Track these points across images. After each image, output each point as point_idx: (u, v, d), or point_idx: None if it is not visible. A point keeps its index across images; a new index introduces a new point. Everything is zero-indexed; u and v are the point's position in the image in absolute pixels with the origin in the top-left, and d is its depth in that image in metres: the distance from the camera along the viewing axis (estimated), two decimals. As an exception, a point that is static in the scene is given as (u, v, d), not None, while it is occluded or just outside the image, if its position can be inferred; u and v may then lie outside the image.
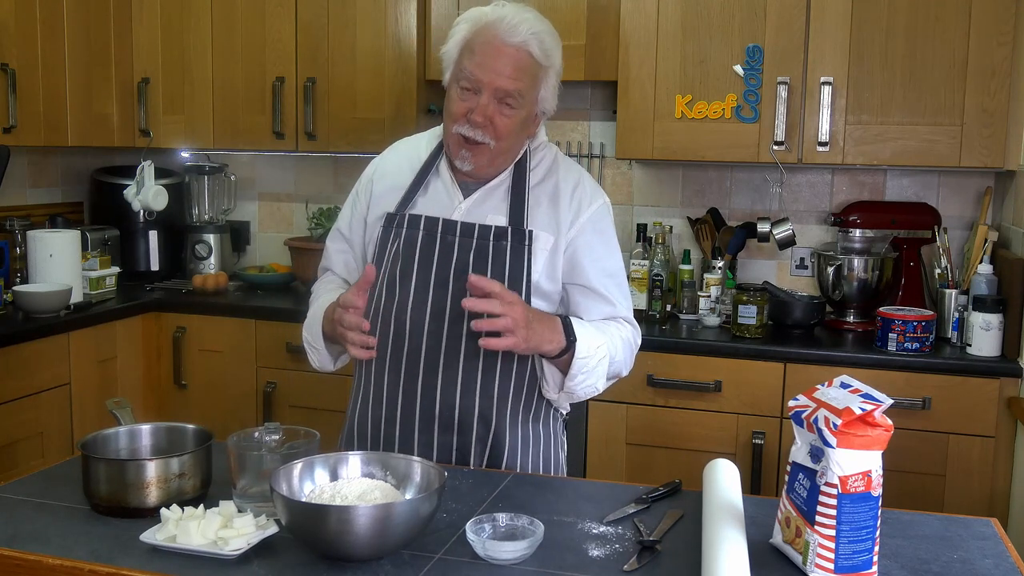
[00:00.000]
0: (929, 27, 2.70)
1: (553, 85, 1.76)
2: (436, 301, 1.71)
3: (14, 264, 3.16)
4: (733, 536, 1.29)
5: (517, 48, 1.67)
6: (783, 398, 2.65)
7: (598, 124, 3.39)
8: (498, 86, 1.67)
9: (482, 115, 1.68)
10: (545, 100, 1.76)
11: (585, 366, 1.65)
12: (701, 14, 2.86)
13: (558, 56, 1.74)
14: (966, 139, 2.70)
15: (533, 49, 1.68)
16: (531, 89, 1.71)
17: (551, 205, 1.76)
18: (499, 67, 1.67)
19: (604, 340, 1.69)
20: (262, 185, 3.81)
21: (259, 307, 3.16)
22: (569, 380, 1.67)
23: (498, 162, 1.75)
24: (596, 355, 1.66)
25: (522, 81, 1.68)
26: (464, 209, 1.75)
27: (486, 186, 1.77)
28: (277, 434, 1.50)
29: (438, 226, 1.74)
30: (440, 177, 1.80)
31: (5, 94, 2.93)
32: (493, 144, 1.70)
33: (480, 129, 1.69)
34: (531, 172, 1.79)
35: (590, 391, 1.71)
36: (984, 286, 2.69)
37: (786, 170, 3.15)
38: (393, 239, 1.76)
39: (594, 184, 1.85)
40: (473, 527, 1.31)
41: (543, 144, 1.84)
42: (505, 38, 1.67)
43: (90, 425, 2.85)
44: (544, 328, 1.60)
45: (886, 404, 1.22)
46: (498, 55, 1.67)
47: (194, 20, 3.40)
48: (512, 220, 1.73)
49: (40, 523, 1.40)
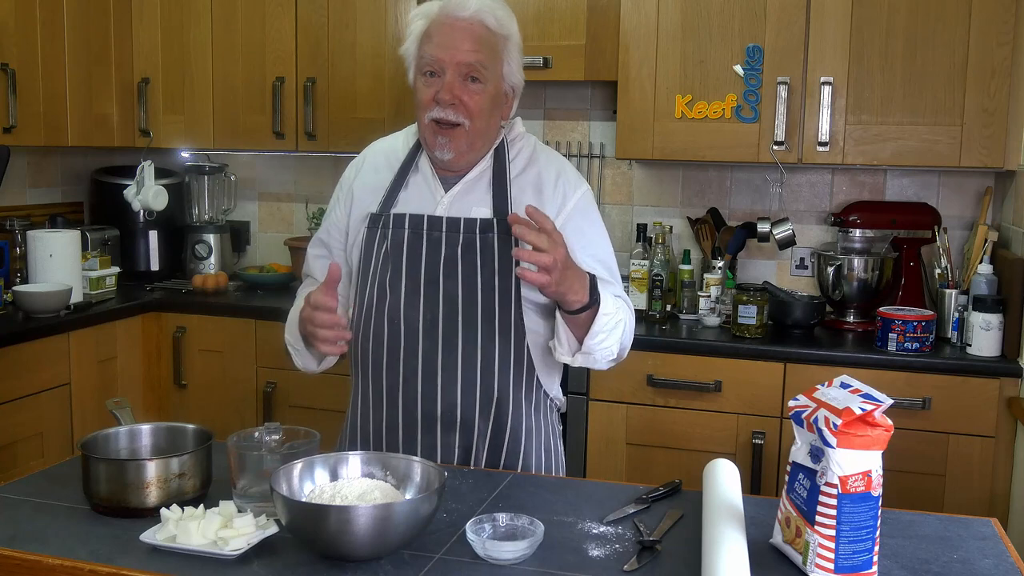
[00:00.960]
0: (929, 27, 2.70)
1: (516, 58, 1.76)
2: (428, 299, 1.71)
3: (14, 264, 3.16)
4: (733, 536, 1.29)
5: (471, 21, 1.69)
6: (783, 398, 2.65)
7: (598, 124, 3.39)
8: (459, 60, 1.68)
9: (449, 92, 1.68)
10: (511, 74, 1.76)
11: (607, 324, 1.64)
12: (701, 14, 2.86)
13: (514, 27, 1.75)
14: (966, 139, 2.70)
15: (487, 20, 1.69)
16: (493, 61, 1.71)
17: (535, 194, 1.76)
18: (457, 42, 1.68)
19: (617, 306, 1.69)
20: (262, 185, 3.81)
21: (259, 307, 3.16)
22: (590, 338, 1.65)
23: (476, 145, 1.74)
24: (615, 315, 1.66)
25: (482, 53, 1.69)
26: (447, 203, 1.75)
27: (466, 178, 1.77)
28: (277, 434, 1.50)
29: (423, 223, 1.73)
30: (420, 172, 1.80)
31: (5, 94, 2.93)
32: (468, 124, 1.70)
33: (451, 108, 1.68)
34: (511, 163, 1.78)
35: (606, 354, 1.69)
36: (984, 286, 2.69)
37: (786, 170, 3.15)
38: (380, 240, 1.76)
39: (575, 172, 1.84)
40: (473, 527, 1.31)
41: (521, 135, 1.84)
42: (458, 14, 1.69)
43: (90, 425, 2.85)
44: (575, 279, 1.58)
45: (886, 404, 1.22)
46: (454, 31, 1.68)
47: (194, 20, 3.40)
48: (497, 212, 1.73)
49: (40, 523, 1.40)
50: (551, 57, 3.01)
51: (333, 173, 3.68)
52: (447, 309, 1.70)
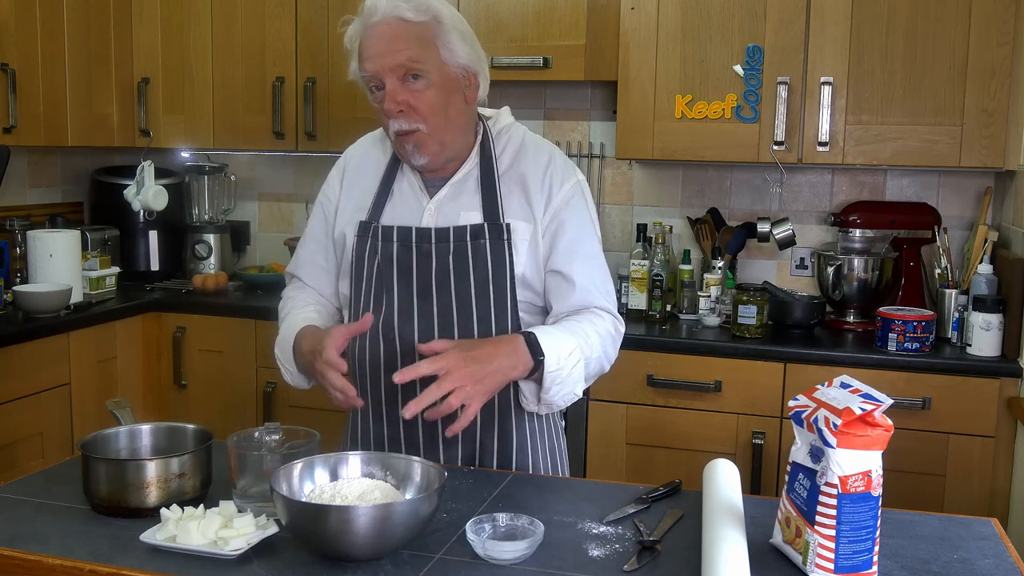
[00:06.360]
0: (929, 27, 2.70)
1: (454, 38, 1.63)
2: (422, 313, 1.68)
3: (14, 264, 3.16)
4: (733, 536, 1.29)
5: (386, 23, 1.60)
6: (783, 398, 2.65)
7: (598, 124, 3.39)
8: (389, 66, 1.59)
9: (392, 101, 1.60)
10: (454, 55, 1.63)
11: (557, 378, 1.58)
12: (701, 14, 2.86)
13: (438, 4, 1.63)
14: (966, 139, 2.70)
15: (403, 13, 1.59)
16: (425, 51, 1.60)
17: (523, 191, 1.69)
18: (380, 49, 1.60)
19: (576, 343, 1.60)
20: (262, 185, 3.81)
21: (259, 307, 3.16)
22: (544, 393, 1.60)
23: (447, 141, 1.66)
24: (568, 363, 1.58)
25: (410, 48, 1.59)
26: (434, 209, 1.70)
27: (452, 180, 1.71)
28: (277, 434, 1.50)
29: (412, 236, 1.68)
30: (406, 179, 1.74)
31: (5, 94, 2.93)
32: (423, 126, 1.62)
33: (402, 117, 1.62)
34: (498, 159, 1.72)
35: (569, 399, 1.64)
36: (984, 286, 2.69)
37: (786, 170, 3.15)
38: (370, 253, 1.71)
39: (566, 162, 1.74)
40: (473, 527, 1.31)
41: (508, 126, 1.76)
42: (372, 20, 1.61)
43: (90, 425, 2.85)
44: (501, 363, 1.52)
45: (886, 404, 1.22)
46: (375, 39, 1.60)
47: (194, 20, 3.40)
48: (487, 215, 1.67)
49: (40, 523, 1.40)
50: (551, 57, 3.01)
51: (333, 173, 3.68)
52: (442, 322, 1.67)
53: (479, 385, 1.49)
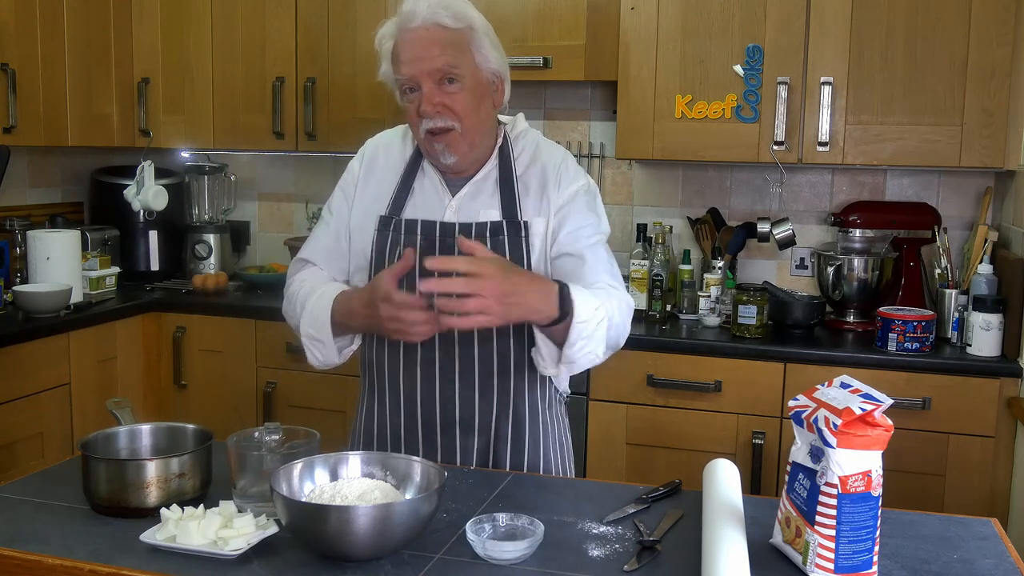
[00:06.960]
0: (929, 27, 2.70)
1: (486, 44, 1.71)
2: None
3: (14, 264, 3.16)
4: (733, 536, 1.29)
5: (426, 28, 1.66)
6: (783, 398, 2.65)
7: (598, 124, 3.39)
8: (428, 70, 1.66)
9: (430, 103, 1.66)
10: (486, 61, 1.71)
11: (584, 331, 1.55)
12: (701, 14, 2.86)
13: (473, 13, 1.71)
14: (966, 139, 2.70)
15: (441, 20, 1.66)
16: (462, 56, 1.68)
17: (539, 189, 1.75)
18: (420, 53, 1.66)
19: (600, 302, 1.60)
20: (262, 185, 3.81)
21: (259, 307, 3.15)
22: (568, 348, 1.57)
23: (476, 142, 1.72)
24: (595, 318, 1.57)
25: (447, 54, 1.66)
26: (455, 207, 1.75)
27: (473, 179, 1.76)
28: (277, 434, 1.50)
29: (435, 230, 1.73)
30: (427, 177, 1.79)
31: (5, 94, 2.93)
32: (458, 126, 1.68)
33: (438, 116, 1.67)
34: (516, 161, 1.78)
35: (590, 359, 1.62)
36: (984, 286, 2.69)
37: (786, 170, 3.15)
38: (392, 246, 1.75)
39: (576, 166, 1.81)
40: (473, 527, 1.31)
41: (524, 131, 1.83)
42: (411, 25, 1.67)
43: (90, 425, 2.85)
44: (531, 298, 1.51)
45: (886, 404, 1.22)
46: (415, 44, 1.66)
47: (194, 20, 3.40)
48: (505, 213, 1.73)
49: (40, 523, 1.40)
50: (551, 57, 3.01)
51: (333, 173, 3.68)
52: None
53: (501, 307, 1.46)
